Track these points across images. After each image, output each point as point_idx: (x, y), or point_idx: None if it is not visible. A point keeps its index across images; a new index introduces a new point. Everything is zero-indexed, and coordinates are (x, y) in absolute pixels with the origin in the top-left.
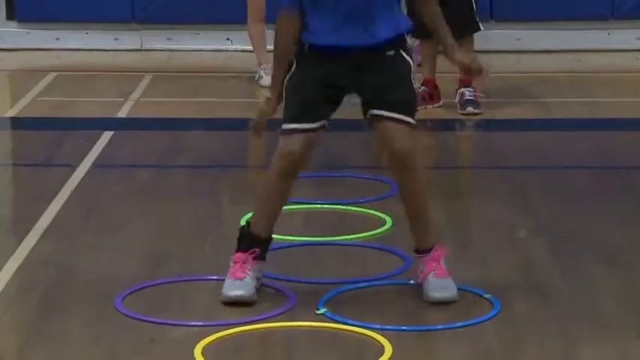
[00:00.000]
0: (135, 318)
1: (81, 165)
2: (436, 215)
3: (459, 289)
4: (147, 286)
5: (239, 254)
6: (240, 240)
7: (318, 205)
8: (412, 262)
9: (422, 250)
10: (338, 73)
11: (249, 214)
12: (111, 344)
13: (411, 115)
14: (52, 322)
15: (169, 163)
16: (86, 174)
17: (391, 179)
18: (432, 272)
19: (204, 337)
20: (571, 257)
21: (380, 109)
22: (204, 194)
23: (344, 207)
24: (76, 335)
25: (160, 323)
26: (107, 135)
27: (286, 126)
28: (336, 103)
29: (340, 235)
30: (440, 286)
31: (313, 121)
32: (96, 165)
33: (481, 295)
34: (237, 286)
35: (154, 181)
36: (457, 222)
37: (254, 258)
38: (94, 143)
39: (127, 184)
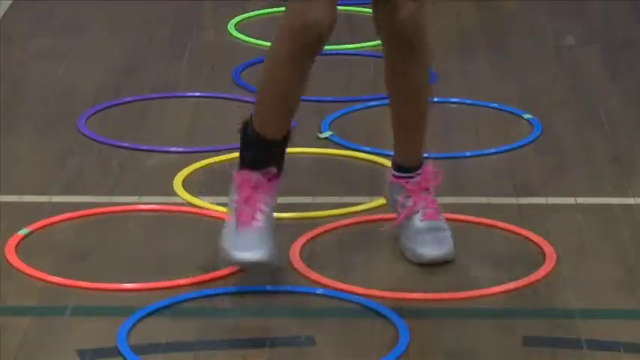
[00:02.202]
0: (101, 142)
1: None
2: (466, 19)
3: (493, 107)
4: (114, 104)
5: (245, 173)
6: (245, 148)
7: None
8: (436, 76)
9: (406, 168)
10: None
11: (239, 18)
12: (72, 172)
13: None
14: (1, 144)
15: None
16: None
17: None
18: (421, 211)
19: (184, 167)
20: (628, 69)
21: None
22: None
23: (353, 8)
24: (32, 161)
25: (131, 148)
26: None
27: None
28: None
29: (349, 43)
30: (432, 236)
31: None
32: None
33: (519, 115)
34: (250, 243)
35: None
36: (491, 26)
37: (270, 180)
38: None
39: None
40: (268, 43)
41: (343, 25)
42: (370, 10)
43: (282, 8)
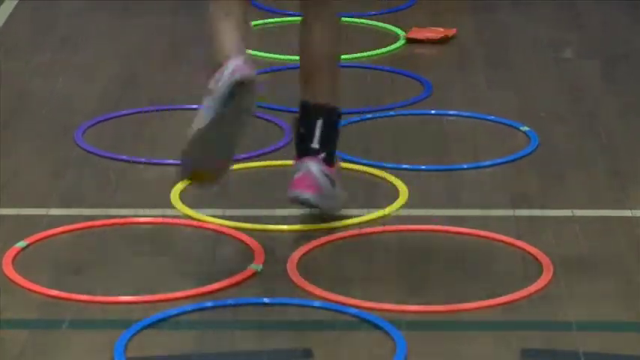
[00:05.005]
0: (99, 155)
1: None
2: (463, 30)
3: (490, 120)
4: (112, 117)
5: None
6: None
7: None
8: (433, 89)
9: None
10: None
11: None
12: (70, 185)
13: None
14: (0, 155)
15: None
16: None
17: None
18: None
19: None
20: (625, 82)
21: None
22: (182, 7)
23: (349, 20)
24: (30, 173)
25: (129, 161)
26: None
27: None
28: None
29: (344, 54)
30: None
31: None
32: None
33: (517, 128)
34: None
35: None
36: (489, 38)
37: None
38: None
39: None
40: (266, 55)
41: None
42: (366, 22)
43: (279, 20)
